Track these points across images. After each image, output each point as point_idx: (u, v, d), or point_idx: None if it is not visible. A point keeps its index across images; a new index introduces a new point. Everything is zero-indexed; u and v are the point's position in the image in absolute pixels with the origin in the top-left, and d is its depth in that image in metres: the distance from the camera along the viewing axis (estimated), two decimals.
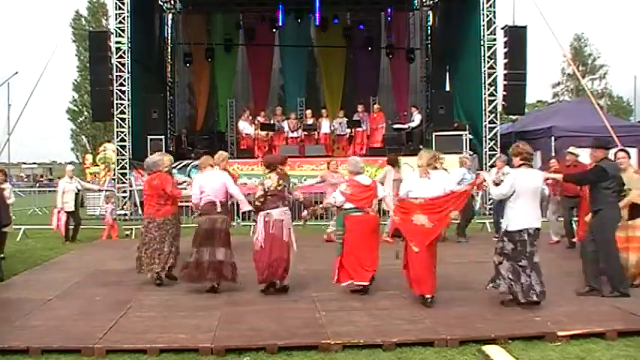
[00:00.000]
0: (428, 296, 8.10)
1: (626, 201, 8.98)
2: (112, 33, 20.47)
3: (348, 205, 8.86)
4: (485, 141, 20.43)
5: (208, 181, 9.54)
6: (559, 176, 9.95)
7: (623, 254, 8.82)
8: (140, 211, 18.90)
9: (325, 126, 22.95)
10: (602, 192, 8.54)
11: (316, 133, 22.86)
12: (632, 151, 15.56)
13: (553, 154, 18.95)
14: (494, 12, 20.60)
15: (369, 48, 27.58)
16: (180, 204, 10.54)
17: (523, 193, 7.89)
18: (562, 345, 6.78)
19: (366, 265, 8.79)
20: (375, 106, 23.81)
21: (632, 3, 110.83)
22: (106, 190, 20.19)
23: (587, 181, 9.11)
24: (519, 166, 8.07)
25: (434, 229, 8.12)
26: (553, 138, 20.27)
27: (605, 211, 8.54)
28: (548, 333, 6.97)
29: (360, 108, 23.19)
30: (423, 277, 8.12)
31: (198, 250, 9.20)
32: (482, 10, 20.45)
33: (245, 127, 22.70)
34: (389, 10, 28.30)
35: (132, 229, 16.57)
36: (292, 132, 22.59)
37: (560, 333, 6.95)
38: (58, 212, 15.27)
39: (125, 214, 19.29)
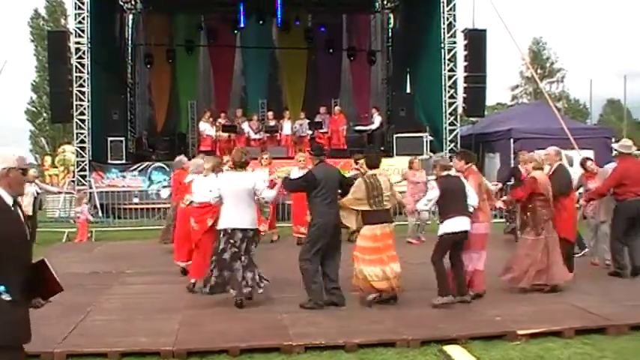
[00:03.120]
0: (193, 280, 9.35)
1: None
2: (72, 33, 20.20)
3: None
4: (446, 143, 20.59)
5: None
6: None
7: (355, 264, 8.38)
8: (100, 214, 18.73)
9: (287, 127, 22.91)
10: (313, 200, 8.49)
11: (278, 134, 22.83)
12: (589, 153, 15.79)
13: (512, 155, 19.22)
14: (455, 15, 20.77)
15: (331, 50, 27.56)
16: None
17: (227, 196, 8.43)
18: (522, 344, 6.89)
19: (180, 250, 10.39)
20: (337, 107, 23.86)
21: (588, 9, 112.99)
22: (77, 192, 19.87)
23: (300, 187, 9.11)
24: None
25: (199, 229, 9.44)
26: (512, 140, 20.50)
27: (316, 219, 8.42)
28: (508, 332, 7.08)
29: (322, 110, 23.21)
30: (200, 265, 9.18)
31: None
32: (443, 13, 20.59)
33: (206, 128, 22.53)
34: (350, 12, 28.40)
35: (92, 231, 16.40)
36: (254, 134, 22.52)
37: (519, 332, 7.05)
38: None
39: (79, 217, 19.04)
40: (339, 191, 8.62)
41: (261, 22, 26.61)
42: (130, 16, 27.56)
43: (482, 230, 8.68)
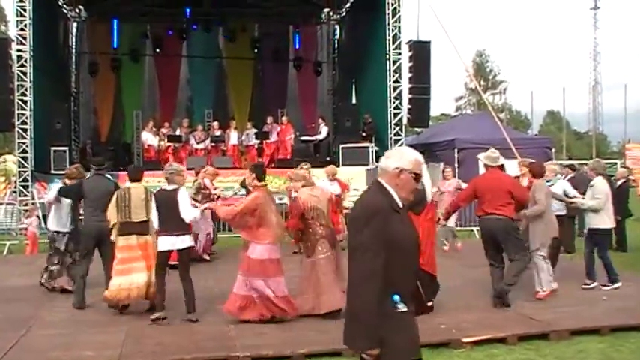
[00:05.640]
0: None
1: None
2: (13, 40, 19.79)
3: None
4: None
5: None
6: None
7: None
8: (43, 225, 18.33)
9: (233, 137, 22.83)
10: (83, 208, 9.65)
11: (224, 144, 22.74)
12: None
13: (457, 165, 19.52)
14: (400, 27, 20.93)
15: (277, 60, 27.60)
16: None
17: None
18: (467, 351, 7.03)
19: None
20: (283, 118, 23.85)
21: (530, 24, 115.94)
22: (20, 203, 19.40)
23: (69, 196, 9.87)
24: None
25: None
26: (456, 150, 20.79)
27: (82, 226, 9.54)
28: (453, 340, 7.21)
29: (268, 120, 23.21)
30: None
31: None
32: (388, 25, 20.76)
33: (149, 138, 22.31)
34: (297, 23, 28.49)
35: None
36: (199, 143, 22.40)
37: (464, 339, 7.19)
38: None
39: (26, 228, 18.65)
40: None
41: (207, 31, 26.53)
42: (74, 24, 27.08)
43: (263, 254, 8.09)
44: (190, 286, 8.33)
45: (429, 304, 8.34)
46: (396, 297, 3.63)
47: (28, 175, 19.37)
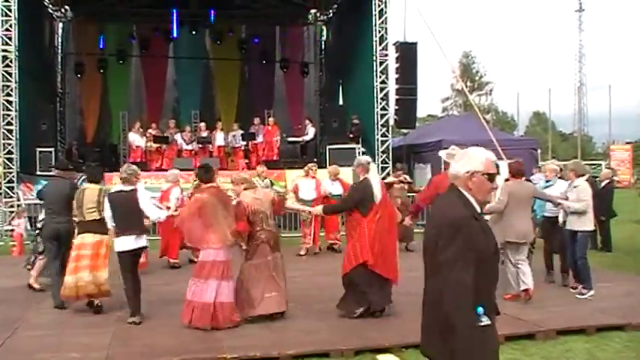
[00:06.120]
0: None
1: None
2: None
3: None
4: (378, 154, 20.73)
5: None
6: None
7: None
8: (29, 226, 18.21)
9: (220, 138, 22.78)
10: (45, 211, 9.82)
11: (211, 145, 22.67)
12: None
13: (443, 166, 19.53)
14: (386, 28, 20.94)
15: (264, 61, 27.63)
16: None
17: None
18: None
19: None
20: (270, 119, 23.83)
21: (516, 26, 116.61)
22: (3, 204, 19.27)
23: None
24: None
25: None
26: None
27: (42, 228, 9.76)
28: None
29: (255, 121, 23.18)
30: None
31: None
32: (375, 26, 20.77)
33: (135, 139, 22.22)
34: (284, 24, 28.52)
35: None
36: (187, 145, 22.33)
37: None
38: None
39: (13, 230, 18.53)
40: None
41: (194, 32, 26.50)
42: (60, 25, 26.99)
43: (211, 257, 7.95)
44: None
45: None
46: (480, 310, 3.49)
47: (13, 176, 19.24)
